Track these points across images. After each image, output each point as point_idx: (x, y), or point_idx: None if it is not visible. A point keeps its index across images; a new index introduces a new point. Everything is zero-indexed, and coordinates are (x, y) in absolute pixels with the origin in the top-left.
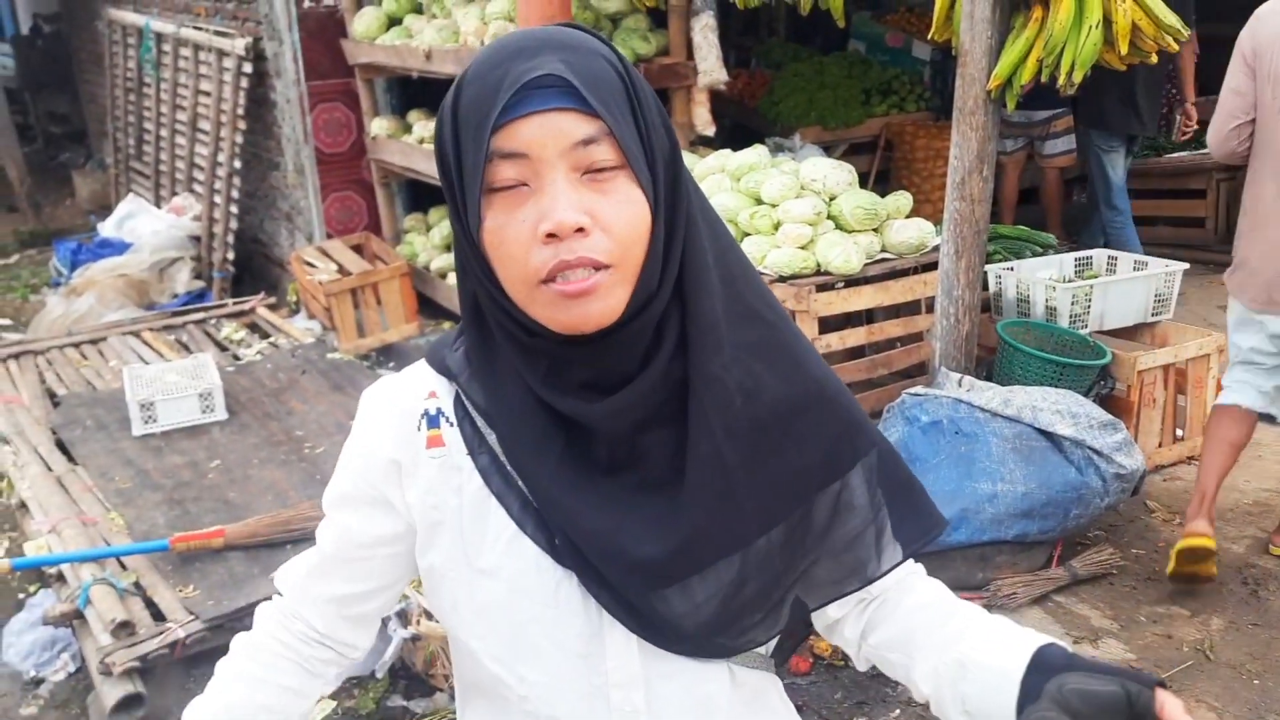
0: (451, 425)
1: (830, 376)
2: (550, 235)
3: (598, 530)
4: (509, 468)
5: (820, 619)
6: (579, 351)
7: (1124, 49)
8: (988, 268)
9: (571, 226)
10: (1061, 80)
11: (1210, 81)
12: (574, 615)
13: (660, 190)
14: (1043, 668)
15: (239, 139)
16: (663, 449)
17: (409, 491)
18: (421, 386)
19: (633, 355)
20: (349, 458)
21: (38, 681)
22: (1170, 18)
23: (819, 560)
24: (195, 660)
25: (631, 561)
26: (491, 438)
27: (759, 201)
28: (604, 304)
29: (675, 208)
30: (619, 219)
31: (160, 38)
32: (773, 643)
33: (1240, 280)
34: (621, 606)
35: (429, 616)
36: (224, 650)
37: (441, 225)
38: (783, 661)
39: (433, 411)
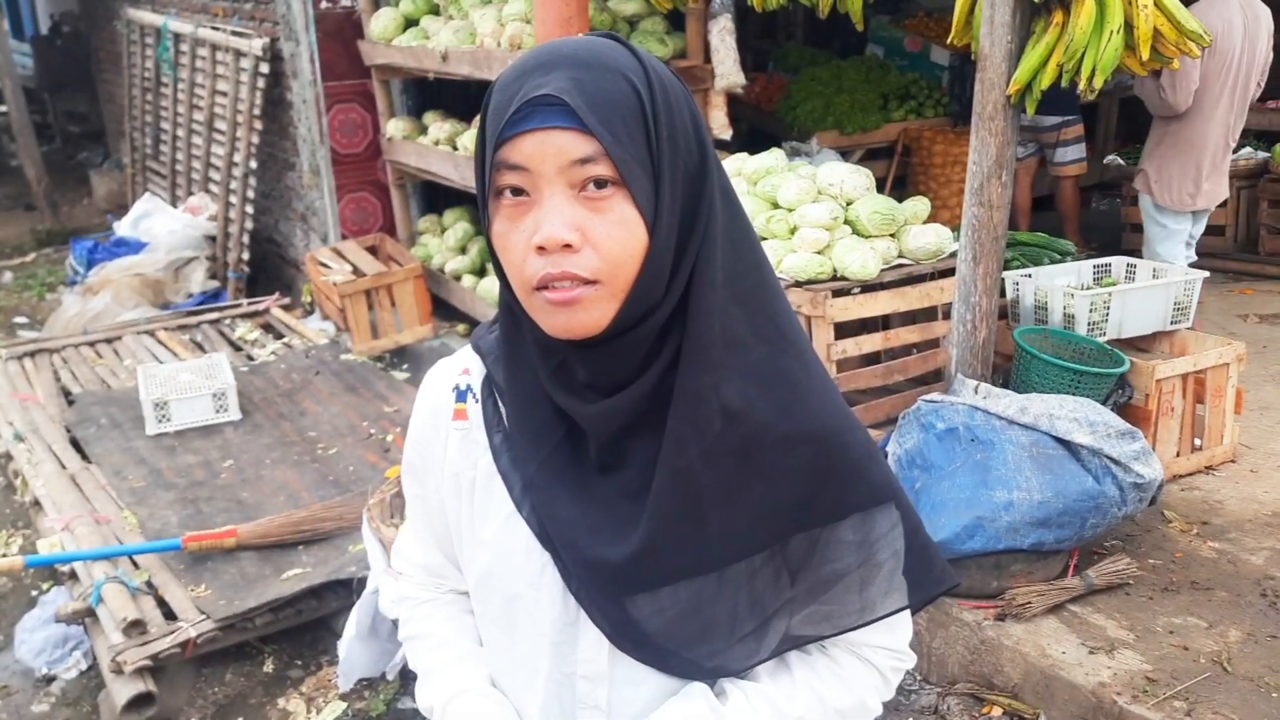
0: (477, 401)
1: (836, 414)
2: (540, 248)
3: (568, 520)
4: (518, 449)
5: None
6: (583, 353)
7: (1145, 54)
8: (1005, 274)
9: (559, 242)
10: (1082, 86)
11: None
12: (553, 601)
13: (671, 206)
14: None
15: (255, 139)
16: (644, 457)
17: (445, 456)
18: (461, 363)
19: (630, 363)
20: (410, 431)
21: (49, 679)
22: (1192, 23)
23: (797, 598)
24: (206, 660)
25: (590, 558)
26: (506, 418)
27: (776, 206)
28: (589, 315)
29: (693, 223)
30: (609, 238)
31: (178, 37)
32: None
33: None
34: (594, 602)
35: None
36: (235, 650)
37: (456, 227)
38: None
39: (463, 387)
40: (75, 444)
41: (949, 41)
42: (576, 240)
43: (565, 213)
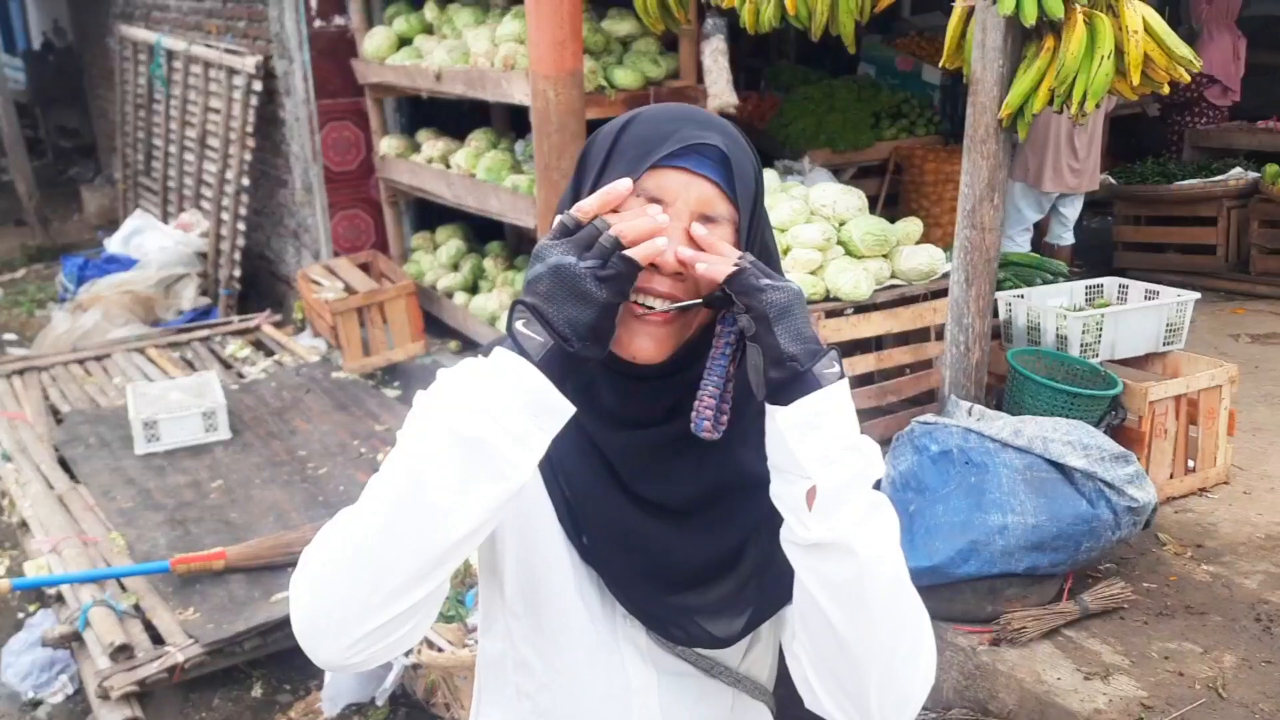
0: None
1: None
2: (652, 265)
3: (613, 540)
4: (551, 467)
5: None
6: (615, 380)
7: (1136, 79)
8: (998, 295)
9: (673, 267)
10: (1074, 111)
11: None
12: (595, 613)
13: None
14: None
15: (248, 156)
16: (683, 485)
17: None
18: None
19: (659, 405)
20: None
21: (36, 703)
22: (1182, 48)
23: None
24: (194, 684)
25: (635, 576)
26: None
27: None
28: (656, 344)
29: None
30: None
31: (171, 55)
32: (772, 674)
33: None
34: (635, 605)
35: (430, 646)
36: (223, 675)
37: (448, 244)
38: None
39: None
40: (63, 463)
41: (941, 65)
42: (686, 271)
43: (684, 243)
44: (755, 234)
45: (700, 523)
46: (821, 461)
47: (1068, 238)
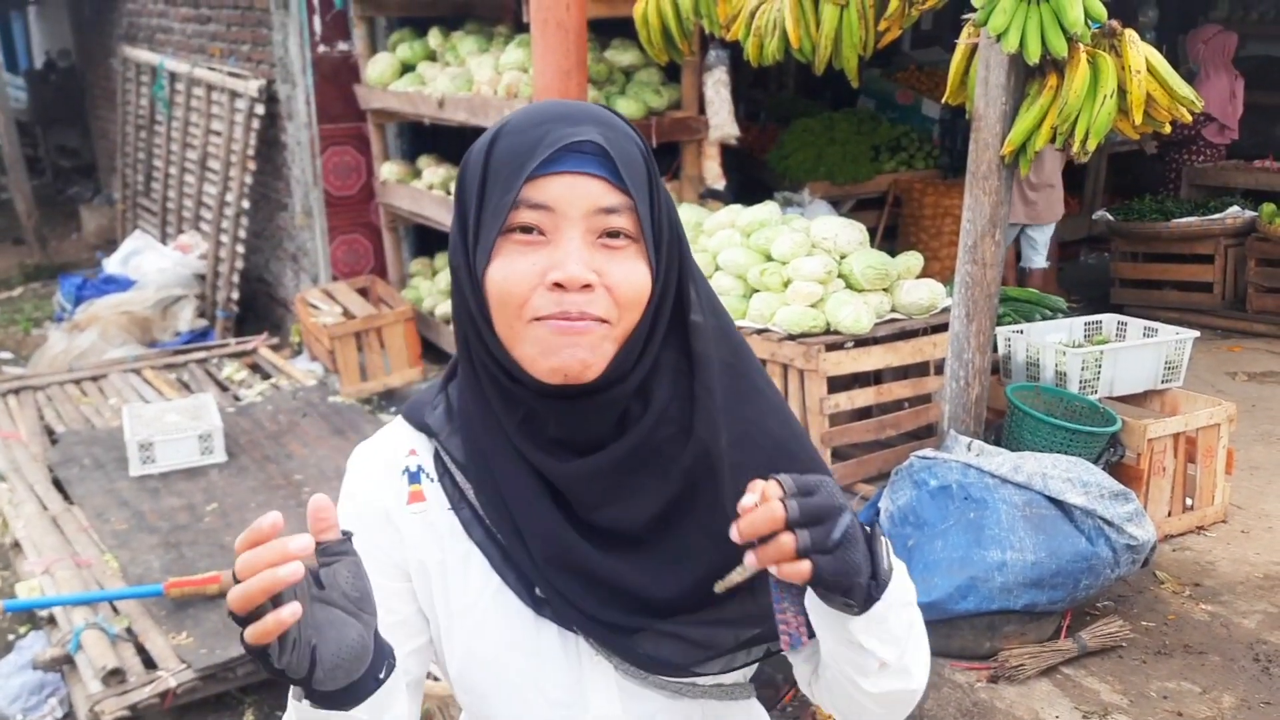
0: (432, 481)
1: (797, 434)
2: (557, 285)
3: (565, 584)
4: (488, 521)
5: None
6: (555, 406)
7: (1138, 119)
8: (997, 330)
9: (580, 281)
10: (1076, 149)
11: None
12: (555, 664)
13: (669, 265)
14: None
15: (248, 179)
16: (632, 511)
17: (403, 541)
18: (402, 444)
19: (606, 420)
20: (344, 519)
21: None
22: (1184, 88)
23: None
24: (185, 710)
25: (597, 616)
26: (470, 492)
27: (769, 258)
28: (590, 355)
29: (667, 287)
30: (624, 282)
31: (174, 76)
32: (748, 670)
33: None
34: (600, 640)
35: (427, 675)
36: (215, 701)
37: (448, 270)
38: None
39: (413, 468)
40: (58, 484)
41: (944, 101)
42: (595, 280)
43: (584, 254)
44: (659, 215)
45: (665, 554)
46: (892, 642)
47: (1039, 261)
